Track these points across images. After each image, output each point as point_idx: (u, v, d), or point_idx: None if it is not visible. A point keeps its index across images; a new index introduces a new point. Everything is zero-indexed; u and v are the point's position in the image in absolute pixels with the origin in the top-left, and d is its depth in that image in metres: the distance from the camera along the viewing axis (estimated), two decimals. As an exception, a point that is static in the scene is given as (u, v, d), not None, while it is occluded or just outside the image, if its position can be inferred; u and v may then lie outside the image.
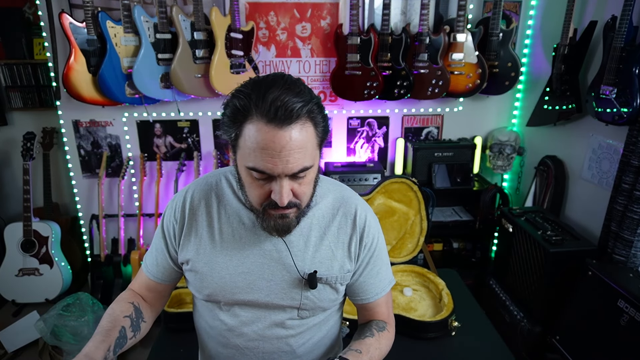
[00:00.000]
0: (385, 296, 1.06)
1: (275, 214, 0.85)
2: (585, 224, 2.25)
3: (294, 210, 0.86)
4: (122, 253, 2.67)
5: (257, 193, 0.84)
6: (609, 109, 1.91)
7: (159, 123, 2.61)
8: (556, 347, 1.92)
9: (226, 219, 0.96)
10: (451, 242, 2.81)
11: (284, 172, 0.78)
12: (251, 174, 0.82)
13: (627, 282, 1.68)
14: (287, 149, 0.76)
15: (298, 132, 0.77)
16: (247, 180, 0.85)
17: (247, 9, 2.43)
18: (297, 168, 0.79)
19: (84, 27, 2.20)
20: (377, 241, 1.03)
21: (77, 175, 2.67)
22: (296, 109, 0.76)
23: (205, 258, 0.96)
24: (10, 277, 2.53)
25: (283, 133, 0.76)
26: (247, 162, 0.80)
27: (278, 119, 0.75)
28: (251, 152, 0.78)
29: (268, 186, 0.82)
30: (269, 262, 0.95)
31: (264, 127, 0.76)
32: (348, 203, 1.00)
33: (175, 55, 2.26)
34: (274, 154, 0.77)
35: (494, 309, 2.32)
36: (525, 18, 2.58)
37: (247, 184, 0.85)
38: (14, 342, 2.32)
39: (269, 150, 0.76)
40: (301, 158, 0.79)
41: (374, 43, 2.36)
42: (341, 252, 0.98)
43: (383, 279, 1.05)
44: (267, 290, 0.96)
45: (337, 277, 0.98)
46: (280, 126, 0.75)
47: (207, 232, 0.96)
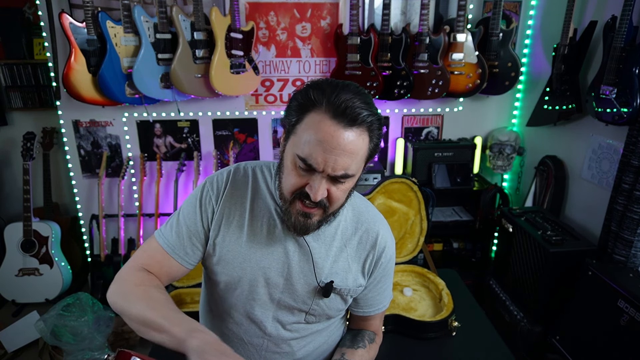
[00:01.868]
0: (381, 312, 1.13)
1: (300, 210, 0.86)
2: (585, 224, 2.25)
3: (319, 212, 0.87)
4: (122, 253, 2.67)
5: (294, 182, 0.84)
6: (609, 109, 1.91)
7: (159, 123, 2.61)
8: (556, 347, 1.92)
9: (258, 211, 0.97)
10: (451, 242, 2.81)
11: (328, 170, 0.80)
12: (296, 163, 0.83)
13: (627, 282, 1.68)
14: (340, 148, 0.78)
15: (355, 137, 0.80)
16: (289, 168, 0.85)
17: (247, 9, 2.43)
18: (341, 171, 0.81)
19: (84, 27, 2.20)
20: (391, 262, 1.07)
21: (77, 175, 2.67)
22: (362, 115, 0.79)
23: (230, 245, 0.96)
24: (10, 277, 2.53)
25: (343, 131, 0.78)
26: (298, 150, 0.81)
27: (343, 117, 0.78)
28: (306, 142, 0.80)
29: (307, 178, 0.83)
30: (290, 263, 0.96)
31: (328, 120, 0.78)
32: (372, 222, 1.03)
33: (175, 55, 2.26)
34: (328, 149, 0.78)
35: (494, 309, 2.32)
36: (525, 18, 2.58)
37: (287, 171, 0.86)
38: (14, 342, 2.32)
39: (324, 144, 0.78)
40: (349, 163, 0.81)
41: (374, 43, 2.36)
42: (356, 267, 1.01)
43: (387, 296, 1.11)
44: (282, 288, 0.97)
45: (350, 290, 1.01)
46: (342, 124, 0.78)
47: (237, 220, 0.97)
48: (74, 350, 2.13)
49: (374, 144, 0.85)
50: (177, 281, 2.24)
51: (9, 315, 2.55)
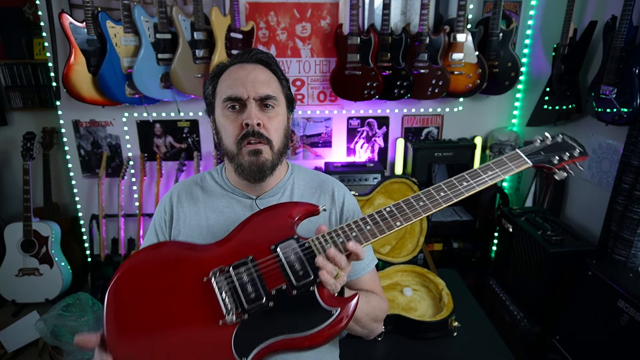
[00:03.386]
0: (370, 274, 1.07)
1: (248, 150, 0.92)
2: (585, 224, 2.25)
3: (266, 147, 0.93)
4: (122, 253, 2.67)
5: (231, 127, 0.94)
6: (609, 109, 1.91)
7: (159, 123, 2.61)
8: (556, 347, 1.91)
9: (211, 205, 1.03)
10: (451, 242, 2.81)
11: (252, 94, 0.92)
12: (226, 111, 0.94)
13: (627, 282, 1.68)
14: (252, 75, 0.94)
15: (259, 70, 0.96)
16: (222, 122, 0.96)
17: (247, 9, 2.43)
18: (263, 91, 0.93)
19: (84, 27, 2.20)
20: (356, 215, 1.07)
21: (77, 175, 2.67)
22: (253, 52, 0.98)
23: (191, 228, 1.02)
24: (10, 277, 2.53)
25: (248, 65, 0.96)
26: (221, 97, 0.94)
27: (240, 58, 0.98)
28: (224, 89, 0.95)
29: (240, 117, 0.92)
30: None
31: (233, 67, 0.97)
32: (326, 182, 1.09)
33: (175, 55, 2.26)
34: (242, 78, 0.93)
35: (494, 309, 2.32)
36: (525, 18, 2.58)
37: (223, 126, 0.96)
38: (14, 342, 2.32)
39: (238, 78, 0.93)
40: (265, 86, 0.94)
41: (374, 43, 2.36)
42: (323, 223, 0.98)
43: (368, 254, 1.07)
44: None
45: None
46: (245, 61, 0.97)
47: (194, 220, 1.02)
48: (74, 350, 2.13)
49: (282, 80, 1.00)
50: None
51: (9, 315, 2.55)
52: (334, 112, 2.69)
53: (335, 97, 2.63)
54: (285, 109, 1.00)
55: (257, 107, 0.93)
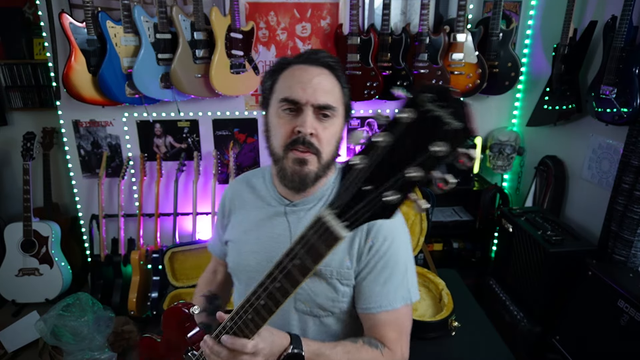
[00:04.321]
0: (393, 315, 0.91)
1: (294, 157, 0.87)
2: (585, 224, 2.25)
3: (313, 159, 0.87)
4: (122, 253, 2.67)
5: (283, 130, 0.88)
6: (609, 109, 1.91)
7: (159, 123, 2.61)
8: (556, 347, 1.91)
9: (254, 204, 1.04)
10: (451, 242, 2.81)
11: (311, 100, 0.86)
12: (280, 112, 0.89)
13: (627, 282, 1.68)
14: (316, 81, 0.88)
15: (323, 75, 0.89)
16: (275, 122, 0.91)
17: (247, 9, 2.43)
18: (322, 99, 0.87)
19: (84, 27, 2.20)
20: (392, 247, 0.92)
21: (77, 175, 2.67)
22: (321, 55, 0.91)
23: (235, 237, 1.06)
24: (10, 277, 2.53)
25: (313, 68, 0.89)
26: (278, 96, 0.90)
27: (307, 59, 0.91)
28: (283, 87, 0.90)
29: (294, 122, 0.87)
30: (276, 245, 0.97)
31: (296, 66, 0.91)
32: None
33: (175, 55, 2.26)
34: (304, 81, 0.87)
35: (494, 309, 2.31)
36: (525, 18, 2.58)
37: (275, 126, 0.91)
38: (14, 342, 2.32)
39: (300, 81, 0.88)
40: (328, 95, 0.88)
41: (374, 43, 2.36)
42: (343, 246, 0.92)
43: (392, 291, 0.91)
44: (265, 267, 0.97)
45: (334, 272, 0.92)
46: (308, 64, 0.90)
47: (241, 216, 1.05)
48: (74, 350, 2.13)
49: (345, 88, 0.93)
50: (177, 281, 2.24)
51: (9, 315, 2.55)
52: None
53: (335, 97, 2.62)
54: (342, 119, 0.93)
55: (314, 115, 0.87)
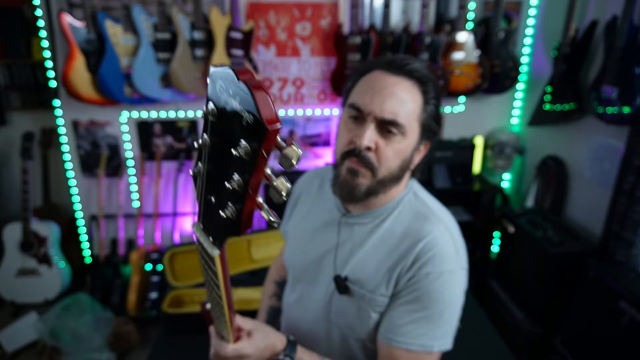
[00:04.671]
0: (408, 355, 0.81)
1: (349, 166, 0.82)
2: (586, 224, 2.24)
3: (367, 173, 0.81)
4: (122, 253, 2.67)
5: (344, 137, 0.83)
6: (611, 108, 1.90)
7: (159, 123, 2.60)
8: (557, 348, 1.91)
9: (319, 202, 1.02)
10: (451, 242, 2.80)
11: (375, 112, 0.79)
12: (346, 118, 0.84)
13: (628, 282, 1.67)
14: (388, 90, 0.79)
15: (404, 84, 0.81)
16: (341, 128, 0.86)
17: (247, 9, 2.42)
18: (388, 114, 0.79)
19: (83, 27, 2.19)
20: (433, 284, 0.81)
21: (76, 175, 2.66)
22: (410, 65, 0.81)
23: (291, 231, 1.06)
24: (9, 277, 2.52)
25: (392, 77, 0.81)
26: (349, 101, 0.85)
27: (392, 65, 0.82)
28: (356, 92, 0.85)
29: (354, 131, 0.82)
30: (322, 253, 0.95)
31: (379, 71, 0.83)
32: (425, 226, 0.84)
33: (175, 54, 2.25)
34: (375, 89, 0.80)
35: (495, 309, 2.31)
36: (526, 17, 2.57)
37: (339, 132, 0.87)
38: (13, 343, 2.31)
39: (372, 87, 0.81)
40: (397, 108, 0.79)
41: (374, 42, 2.36)
42: (382, 270, 0.85)
43: (415, 332, 0.81)
44: (314, 276, 0.96)
45: (366, 295, 0.86)
46: (390, 71, 0.81)
47: (304, 210, 1.04)
48: (73, 350, 2.13)
49: (428, 105, 0.83)
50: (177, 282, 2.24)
51: (8, 315, 2.54)
52: (334, 111, 2.68)
53: (335, 97, 2.62)
54: (415, 139, 0.83)
55: (376, 129, 0.80)
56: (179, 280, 2.26)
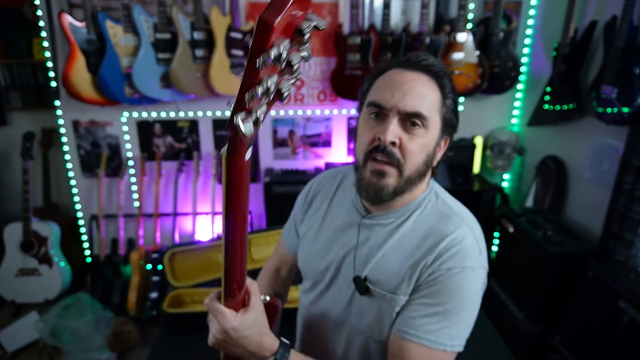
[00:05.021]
0: (422, 351, 0.78)
1: (373, 168, 0.81)
2: (586, 224, 2.24)
3: (393, 171, 0.81)
4: (122, 253, 2.67)
5: (366, 136, 0.83)
6: (610, 108, 1.90)
7: (159, 123, 2.61)
8: (557, 348, 1.91)
9: (337, 203, 1.00)
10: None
11: (398, 106, 0.79)
12: (367, 117, 0.84)
13: (627, 282, 1.67)
14: (407, 85, 0.80)
15: (422, 80, 0.82)
16: (362, 127, 0.86)
17: (247, 9, 2.42)
18: (411, 107, 0.79)
19: (84, 27, 2.19)
20: (453, 279, 0.80)
21: (76, 175, 2.66)
22: (426, 61, 0.83)
23: (308, 234, 1.02)
24: (9, 277, 2.52)
25: (410, 72, 0.82)
26: (368, 100, 0.84)
27: (408, 62, 0.83)
28: (374, 91, 0.84)
29: (377, 128, 0.81)
30: (341, 255, 0.93)
31: (395, 70, 0.84)
32: (449, 224, 0.84)
33: (175, 55, 2.25)
34: (395, 86, 0.81)
35: (494, 309, 2.31)
36: (525, 17, 2.57)
37: (360, 132, 0.86)
38: (14, 343, 2.32)
39: (392, 84, 0.81)
40: (419, 101, 0.80)
41: (374, 43, 2.36)
42: (404, 269, 0.84)
43: (434, 326, 0.79)
44: (333, 279, 0.95)
45: (386, 295, 0.85)
46: (407, 68, 0.83)
47: (321, 213, 1.01)
48: (74, 350, 2.13)
49: (447, 99, 0.84)
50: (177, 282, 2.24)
51: (9, 315, 2.55)
52: (334, 112, 2.69)
53: (335, 97, 2.62)
54: (437, 133, 0.84)
55: (400, 123, 0.80)
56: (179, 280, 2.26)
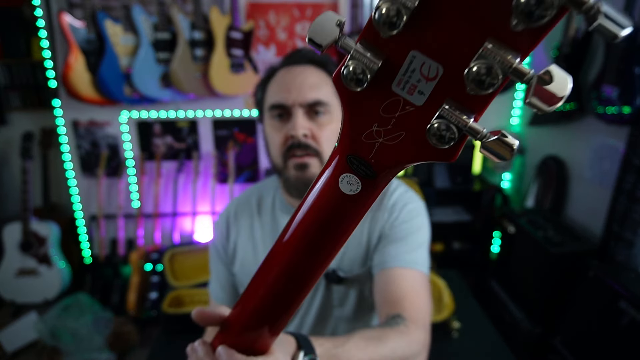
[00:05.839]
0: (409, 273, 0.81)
1: (294, 163, 0.82)
2: (587, 224, 2.24)
3: (314, 160, 0.82)
4: (122, 253, 2.67)
5: (277, 139, 0.84)
6: (611, 108, 1.90)
7: (158, 123, 2.60)
8: (557, 348, 1.91)
9: (266, 221, 0.95)
10: (452, 242, 2.80)
11: (298, 100, 0.82)
12: (272, 120, 0.86)
13: (628, 283, 1.67)
14: (299, 78, 0.83)
15: (309, 71, 0.85)
16: (269, 132, 0.87)
17: (247, 9, 2.42)
18: (310, 97, 0.82)
19: (83, 27, 2.19)
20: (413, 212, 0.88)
21: (76, 175, 2.66)
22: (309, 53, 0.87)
23: (247, 268, 0.93)
24: (9, 277, 2.52)
25: (296, 67, 0.86)
26: (267, 104, 0.86)
27: (290, 59, 0.87)
28: (270, 95, 0.86)
29: (286, 127, 0.83)
30: None
31: (282, 70, 0.87)
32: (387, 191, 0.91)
33: (175, 54, 2.25)
34: (288, 83, 0.83)
35: (495, 309, 2.31)
36: (526, 17, 2.57)
37: (270, 137, 0.87)
38: (13, 343, 2.31)
39: (285, 82, 0.84)
40: (315, 90, 0.82)
41: (374, 42, 2.35)
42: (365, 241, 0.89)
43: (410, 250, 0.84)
44: None
45: (361, 272, 0.88)
46: (292, 65, 0.86)
47: (250, 240, 0.95)
48: (73, 350, 2.13)
49: None
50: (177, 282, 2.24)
51: (8, 315, 2.54)
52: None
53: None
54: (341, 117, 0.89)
55: (305, 115, 0.82)
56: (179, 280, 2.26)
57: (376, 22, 0.29)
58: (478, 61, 0.28)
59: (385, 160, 0.35)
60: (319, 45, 0.32)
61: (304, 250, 0.42)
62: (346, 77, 0.32)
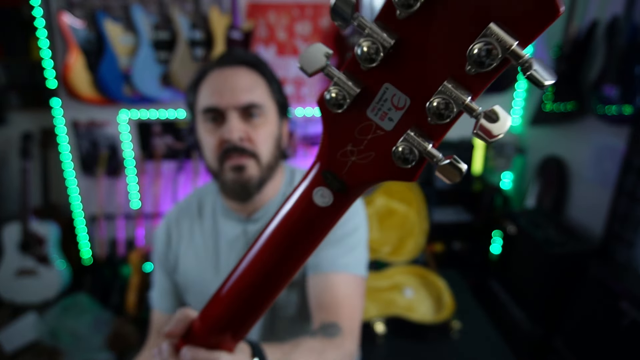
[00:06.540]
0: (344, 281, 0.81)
1: (231, 165, 0.81)
2: (587, 224, 2.23)
3: (251, 162, 0.81)
4: (121, 254, 2.66)
5: (212, 142, 0.82)
6: (612, 108, 1.90)
7: (158, 123, 2.60)
8: (558, 349, 1.90)
9: (207, 226, 0.94)
10: (452, 242, 2.79)
11: (231, 103, 0.80)
12: (205, 124, 0.84)
13: (629, 283, 1.67)
14: (233, 81, 0.81)
15: (242, 72, 0.83)
16: (203, 136, 0.85)
17: (247, 8, 2.42)
18: (244, 100, 0.80)
19: (83, 26, 2.19)
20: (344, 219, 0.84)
21: (75, 175, 2.65)
22: (236, 53, 0.86)
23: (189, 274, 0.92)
24: (8, 277, 2.51)
25: (228, 69, 0.83)
26: (200, 108, 0.84)
27: (222, 61, 0.84)
28: (202, 98, 0.84)
29: (221, 131, 0.81)
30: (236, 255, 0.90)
31: (213, 72, 0.84)
32: None
33: (174, 54, 2.25)
34: (221, 85, 0.81)
35: (495, 310, 2.30)
36: (526, 17, 2.56)
37: (204, 141, 0.85)
38: (13, 343, 2.31)
39: (217, 85, 0.82)
40: (249, 93, 0.81)
41: (375, 42, 2.35)
42: None
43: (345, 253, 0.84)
44: None
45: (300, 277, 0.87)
46: (226, 64, 0.84)
47: (191, 246, 0.94)
48: (73, 350, 2.12)
49: (272, 83, 0.86)
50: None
51: (7, 315, 2.54)
52: (334, 111, 2.68)
53: (335, 97, 2.61)
54: (276, 117, 0.87)
55: (240, 118, 0.81)
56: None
57: (358, 56, 0.35)
58: (438, 96, 0.34)
59: (356, 176, 0.40)
60: (307, 72, 0.36)
61: (274, 260, 0.45)
62: (329, 101, 0.37)
